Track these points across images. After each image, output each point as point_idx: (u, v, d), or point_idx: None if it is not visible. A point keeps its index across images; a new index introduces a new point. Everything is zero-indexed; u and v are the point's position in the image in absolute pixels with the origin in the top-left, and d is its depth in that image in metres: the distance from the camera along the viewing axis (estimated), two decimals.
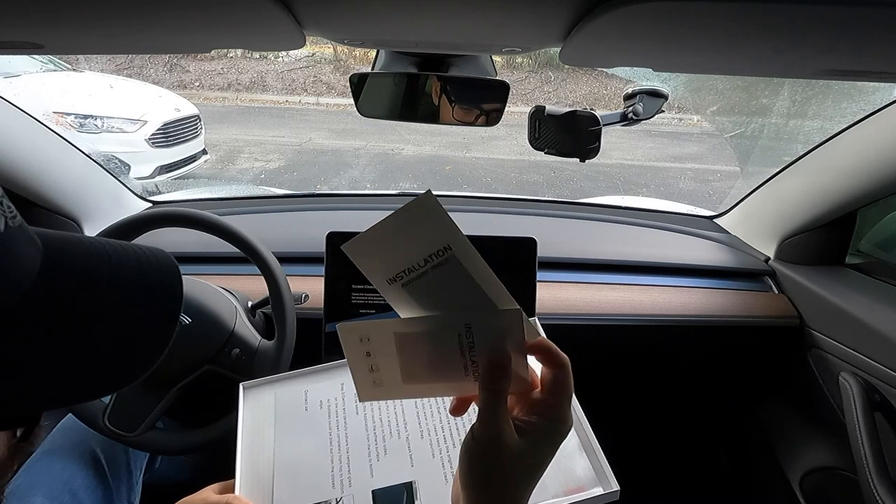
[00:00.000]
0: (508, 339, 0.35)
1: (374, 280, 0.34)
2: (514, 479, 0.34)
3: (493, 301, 0.34)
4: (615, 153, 4.38)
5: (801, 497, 1.00)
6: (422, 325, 0.35)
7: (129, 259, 0.32)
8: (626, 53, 0.51)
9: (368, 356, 0.36)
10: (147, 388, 0.72)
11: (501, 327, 0.34)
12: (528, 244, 0.82)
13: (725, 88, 3.97)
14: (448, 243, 0.32)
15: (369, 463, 0.50)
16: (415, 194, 1.33)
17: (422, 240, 0.32)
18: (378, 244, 0.33)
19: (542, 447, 0.35)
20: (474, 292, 0.34)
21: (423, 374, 0.36)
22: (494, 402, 0.34)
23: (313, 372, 0.60)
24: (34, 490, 0.66)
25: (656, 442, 1.28)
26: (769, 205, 1.10)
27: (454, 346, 0.35)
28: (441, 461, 0.50)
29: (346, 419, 0.54)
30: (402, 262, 0.33)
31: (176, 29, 0.48)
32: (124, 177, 1.14)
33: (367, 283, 0.82)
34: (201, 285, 0.79)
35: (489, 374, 0.35)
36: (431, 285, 0.34)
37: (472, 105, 0.76)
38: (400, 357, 0.35)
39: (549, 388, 0.36)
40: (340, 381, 0.58)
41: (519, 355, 0.35)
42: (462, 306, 0.34)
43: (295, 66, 5.94)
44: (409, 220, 0.32)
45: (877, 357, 0.82)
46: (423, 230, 0.32)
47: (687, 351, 1.08)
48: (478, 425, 0.34)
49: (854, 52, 0.44)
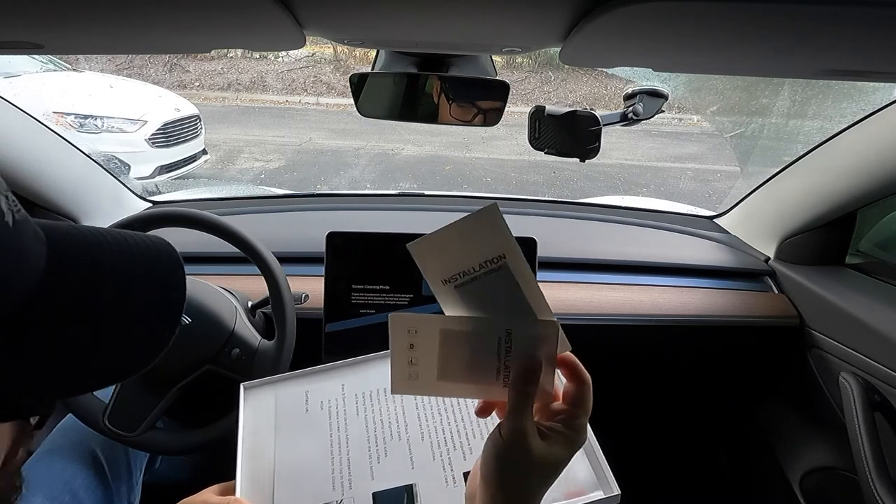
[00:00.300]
0: (543, 349, 0.37)
1: (430, 279, 0.36)
2: (532, 479, 0.36)
3: (534, 310, 0.37)
4: (615, 153, 4.38)
5: (801, 497, 1.00)
6: (468, 325, 0.37)
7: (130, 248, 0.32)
8: (626, 53, 0.51)
9: (411, 348, 0.37)
10: (147, 388, 0.72)
11: (539, 336, 0.36)
12: (528, 244, 0.82)
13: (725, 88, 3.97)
14: (504, 252, 0.35)
15: (370, 465, 0.50)
16: (415, 194, 1.33)
17: (481, 246, 0.35)
18: (441, 247, 0.35)
19: (560, 453, 0.37)
20: (519, 300, 0.36)
21: (458, 372, 0.38)
22: (523, 403, 0.36)
23: (314, 372, 0.60)
24: (34, 490, 0.66)
25: (656, 442, 1.28)
26: (769, 205, 1.10)
27: (493, 348, 0.37)
28: (441, 463, 0.50)
29: (347, 421, 0.54)
30: (459, 265, 0.35)
31: (176, 29, 0.48)
32: (124, 177, 1.14)
33: (367, 282, 0.83)
34: (201, 285, 0.79)
35: (521, 377, 0.36)
36: (481, 290, 0.36)
37: (472, 105, 0.76)
38: (441, 353, 0.37)
39: (571, 401, 0.38)
40: (341, 381, 0.58)
41: (549, 367, 0.37)
42: (505, 312, 0.36)
43: (295, 66, 5.94)
44: (474, 227, 0.34)
45: (877, 357, 0.82)
46: (484, 237, 0.35)
47: (687, 351, 1.08)
48: (506, 424, 0.36)
49: (854, 52, 0.44)
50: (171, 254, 0.34)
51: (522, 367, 0.36)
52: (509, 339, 0.36)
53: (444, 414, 0.54)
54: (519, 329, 0.36)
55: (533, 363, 0.36)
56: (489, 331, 0.36)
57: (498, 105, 0.74)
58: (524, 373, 0.36)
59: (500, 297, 0.36)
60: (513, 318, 0.36)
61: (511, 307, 0.36)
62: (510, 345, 0.36)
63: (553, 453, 0.36)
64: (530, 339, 0.36)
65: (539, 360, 0.36)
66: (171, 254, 0.34)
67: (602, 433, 0.47)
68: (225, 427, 0.72)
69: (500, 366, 0.37)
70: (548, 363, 0.37)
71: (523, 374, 0.36)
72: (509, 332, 0.36)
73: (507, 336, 0.36)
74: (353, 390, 0.57)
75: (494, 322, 0.36)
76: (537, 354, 0.36)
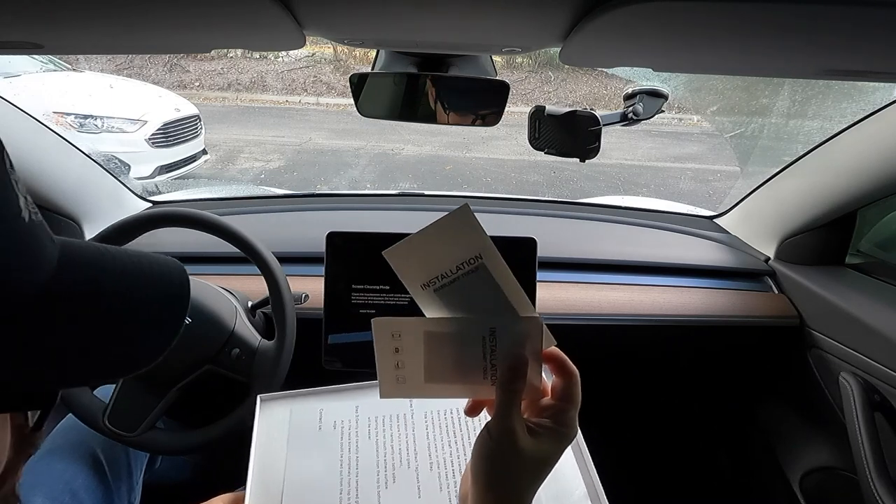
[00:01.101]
0: (528, 346, 0.37)
1: (408, 285, 0.36)
2: (522, 476, 0.36)
3: (515, 308, 0.37)
4: (615, 153, 4.38)
5: (801, 497, 1.00)
6: (451, 326, 0.37)
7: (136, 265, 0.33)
8: (626, 53, 0.51)
9: (397, 352, 0.37)
10: (147, 388, 0.72)
11: (523, 333, 0.37)
12: (528, 244, 0.82)
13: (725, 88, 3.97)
14: (479, 252, 0.35)
15: (377, 490, 0.50)
16: (415, 194, 1.33)
17: (456, 248, 0.35)
18: (417, 251, 0.35)
19: (549, 448, 0.37)
20: (499, 299, 0.36)
21: (445, 374, 0.38)
22: (510, 401, 0.36)
23: (330, 392, 0.60)
24: (35, 490, 0.66)
25: (656, 442, 1.28)
26: (769, 205, 1.10)
27: (478, 348, 0.37)
28: (448, 495, 0.50)
29: (358, 443, 0.54)
30: (436, 268, 0.36)
31: (176, 29, 0.48)
32: (124, 177, 1.14)
33: (367, 283, 0.83)
34: (201, 285, 0.79)
35: (507, 375, 0.37)
36: (461, 291, 0.36)
37: (472, 105, 0.76)
38: (426, 355, 0.37)
39: (560, 396, 0.38)
40: (356, 403, 0.58)
41: (535, 363, 0.37)
42: (487, 312, 0.37)
43: (295, 66, 5.94)
44: (448, 229, 0.35)
45: (877, 357, 0.82)
46: (459, 239, 0.35)
47: (687, 351, 1.08)
48: (493, 422, 0.36)
49: (854, 52, 0.44)
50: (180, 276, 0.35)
51: (508, 365, 0.37)
52: (493, 337, 0.37)
53: (454, 445, 0.54)
54: (502, 327, 0.36)
55: (518, 361, 0.37)
56: (473, 330, 0.37)
57: (498, 105, 0.74)
58: (510, 371, 0.37)
59: (480, 297, 0.36)
60: (495, 316, 0.36)
61: (492, 306, 0.36)
62: (495, 343, 0.37)
63: (542, 450, 0.36)
64: (514, 336, 0.37)
65: (525, 358, 0.37)
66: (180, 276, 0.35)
67: (602, 433, 0.48)
68: (225, 427, 0.72)
69: (486, 365, 0.37)
70: (533, 359, 0.37)
71: (509, 372, 0.37)
72: (493, 330, 0.36)
73: (491, 335, 0.36)
74: (366, 413, 0.57)
75: (477, 322, 0.37)
76: (522, 351, 0.37)
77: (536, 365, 0.37)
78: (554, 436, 0.37)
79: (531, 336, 0.37)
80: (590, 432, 0.50)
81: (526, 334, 0.37)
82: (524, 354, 0.37)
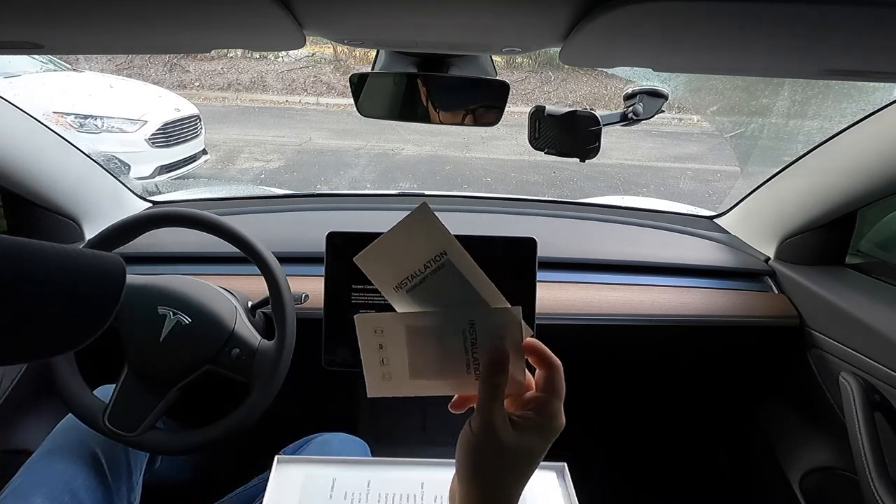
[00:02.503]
0: (507, 337, 0.37)
1: (382, 288, 0.37)
2: (508, 470, 0.36)
3: (487, 301, 0.37)
4: (615, 153, 4.38)
5: (801, 497, 1.00)
6: (431, 320, 0.37)
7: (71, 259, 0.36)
8: (626, 53, 0.51)
9: (381, 349, 0.38)
10: (147, 388, 0.72)
11: (501, 324, 0.37)
12: (527, 244, 0.82)
13: (725, 88, 3.97)
14: (443, 249, 0.36)
15: None
16: (415, 194, 1.33)
17: (421, 247, 0.36)
18: (384, 254, 0.36)
19: (534, 440, 0.37)
20: (470, 293, 0.37)
21: (429, 369, 0.38)
22: (492, 395, 0.36)
23: (345, 462, 0.62)
24: (34, 490, 0.66)
25: (656, 442, 1.28)
26: (769, 205, 1.10)
27: (459, 342, 0.37)
28: None
29: None
30: (405, 269, 0.36)
31: (176, 29, 0.48)
32: (124, 177, 1.14)
33: (367, 282, 0.83)
34: (201, 285, 0.79)
35: (489, 369, 0.37)
36: (432, 289, 0.36)
37: (472, 105, 0.76)
38: (409, 350, 0.37)
39: (543, 387, 0.38)
40: (368, 478, 0.59)
41: (516, 356, 0.37)
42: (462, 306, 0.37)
43: (295, 66, 5.94)
44: (409, 230, 0.35)
45: (877, 357, 0.82)
46: (422, 238, 0.35)
47: (687, 351, 1.08)
48: (476, 417, 0.36)
49: (854, 52, 0.43)
50: (117, 268, 0.38)
51: (490, 359, 0.37)
52: (473, 330, 0.37)
53: None
54: (481, 319, 0.37)
55: (499, 353, 0.36)
56: (452, 324, 0.37)
57: (498, 105, 0.74)
58: (491, 364, 0.36)
59: (451, 293, 0.36)
60: (473, 309, 0.37)
61: (465, 301, 0.37)
62: (475, 336, 0.37)
63: (525, 443, 0.36)
64: (493, 327, 0.37)
65: (505, 350, 0.37)
66: (117, 268, 0.38)
67: (602, 433, 0.48)
68: (225, 427, 0.72)
69: (469, 359, 0.38)
70: (514, 351, 0.37)
71: (491, 366, 0.36)
72: (472, 323, 0.37)
73: (470, 328, 0.37)
74: (377, 489, 0.58)
75: (457, 314, 0.37)
76: (503, 344, 0.37)
77: (518, 357, 0.38)
78: (538, 428, 0.37)
79: (509, 326, 0.37)
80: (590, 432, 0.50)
81: (504, 325, 0.37)
82: (505, 347, 0.37)
